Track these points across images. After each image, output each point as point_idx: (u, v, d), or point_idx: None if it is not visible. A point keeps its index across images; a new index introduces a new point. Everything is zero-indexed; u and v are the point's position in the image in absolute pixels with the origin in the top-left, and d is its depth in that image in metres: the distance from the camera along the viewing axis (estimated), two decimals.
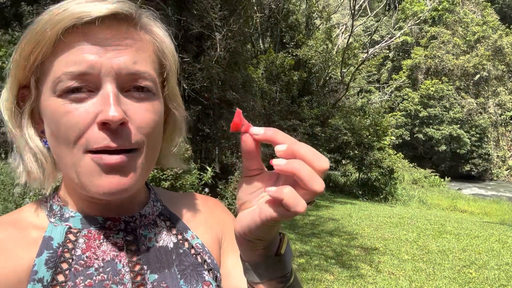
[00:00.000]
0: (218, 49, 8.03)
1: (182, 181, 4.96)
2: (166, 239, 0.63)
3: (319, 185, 0.40)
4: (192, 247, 0.65)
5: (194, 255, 0.64)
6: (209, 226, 0.71)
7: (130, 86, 0.53)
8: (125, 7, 0.53)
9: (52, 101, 0.51)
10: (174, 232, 0.65)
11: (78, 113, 0.50)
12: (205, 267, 0.64)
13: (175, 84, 0.62)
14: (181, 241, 0.65)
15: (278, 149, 0.42)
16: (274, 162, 0.42)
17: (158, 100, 0.56)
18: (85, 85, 0.51)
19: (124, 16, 0.53)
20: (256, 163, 0.46)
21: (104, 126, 0.50)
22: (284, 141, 0.42)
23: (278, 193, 0.40)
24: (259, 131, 0.43)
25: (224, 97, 8.70)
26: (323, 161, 0.41)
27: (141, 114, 0.53)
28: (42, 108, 0.54)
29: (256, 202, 0.47)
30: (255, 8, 14.37)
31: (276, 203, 0.42)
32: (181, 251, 0.63)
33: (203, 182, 5.33)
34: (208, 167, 5.42)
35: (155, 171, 4.83)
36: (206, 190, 5.29)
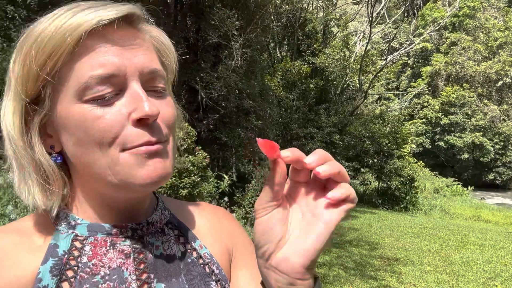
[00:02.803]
0: (235, 58, 8.09)
1: (200, 189, 4.97)
2: (174, 248, 0.62)
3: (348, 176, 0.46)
4: (200, 257, 0.64)
5: (202, 265, 0.63)
6: (219, 236, 0.69)
7: (149, 87, 0.54)
8: (136, 9, 0.55)
9: (77, 108, 0.50)
10: (182, 241, 0.64)
11: (110, 116, 0.50)
12: (213, 277, 0.62)
13: (170, 83, 0.64)
14: (189, 250, 0.63)
15: (309, 160, 0.44)
16: (319, 169, 0.43)
17: (169, 96, 0.58)
18: (112, 90, 0.51)
19: (136, 17, 0.55)
20: (283, 187, 0.47)
21: (139, 123, 0.50)
22: (305, 156, 0.45)
23: (345, 190, 0.45)
24: (288, 154, 0.44)
25: (241, 106, 8.74)
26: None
27: (165, 109, 0.55)
28: (61, 117, 0.52)
29: (294, 230, 0.47)
30: (272, 17, 14.46)
31: (338, 204, 0.45)
32: (189, 260, 0.62)
33: (220, 190, 5.33)
34: (225, 175, 5.42)
35: (173, 179, 4.86)
36: (226, 199, 5.29)
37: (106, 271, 0.54)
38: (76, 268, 0.53)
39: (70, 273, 0.53)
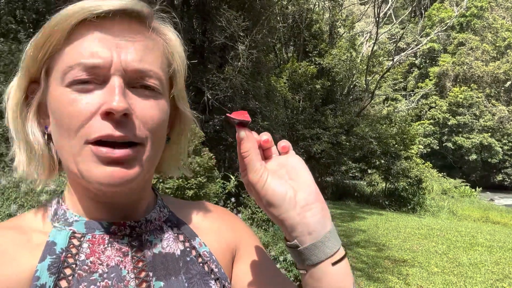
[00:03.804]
0: (241, 60, 8.11)
1: (206, 190, 4.97)
2: (173, 246, 0.61)
3: None
4: (200, 255, 0.63)
5: (201, 264, 0.62)
6: (219, 234, 0.69)
7: (137, 83, 0.54)
8: (137, 5, 0.54)
9: (59, 91, 0.52)
10: (181, 239, 0.63)
11: (83, 103, 0.50)
12: (212, 276, 0.62)
13: (183, 87, 0.63)
14: (188, 249, 0.63)
15: (264, 138, 0.56)
16: (283, 143, 0.57)
17: (164, 99, 0.57)
18: (93, 78, 0.51)
19: (136, 13, 0.54)
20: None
21: (108, 116, 0.50)
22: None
23: (286, 142, 0.57)
24: (266, 137, 0.57)
25: (247, 107, 8.75)
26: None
27: (146, 110, 0.53)
28: (50, 99, 0.54)
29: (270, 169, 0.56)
30: (278, 18, 14.46)
31: (288, 150, 0.58)
32: (188, 258, 0.62)
33: (226, 191, 5.34)
34: (232, 176, 5.43)
35: (180, 180, 4.87)
36: (232, 199, 5.29)
37: (104, 269, 0.54)
38: (74, 266, 0.53)
39: (68, 271, 0.52)
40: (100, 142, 0.50)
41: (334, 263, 0.52)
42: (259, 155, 0.54)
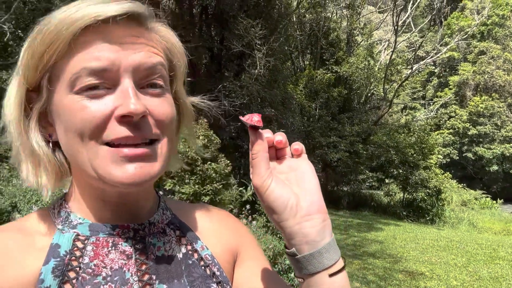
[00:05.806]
0: (258, 67, 8.15)
1: (222, 196, 4.99)
2: (176, 249, 0.61)
3: None
4: (202, 258, 0.63)
5: (203, 267, 0.62)
6: (221, 237, 0.69)
7: (145, 82, 0.54)
8: (138, 7, 0.54)
9: (68, 99, 0.51)
10: (184, 242, 0.64)
11: (95, 108, 0.50)
12: (214, 279, 0.62)
13: (182, 83, 0.64)
14: (190, 252, 0.63)
15: (278, 138, 0.57)
16: (296, 145, 0.58)
17: (169, 94, 0.58)
18: (103, 82, 0.51)
19: (137, 16, 0.54)
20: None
21: (124, 119, 0.50)
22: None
23: (300, 145, 0.58)
24: (280, 138, 0.57)
25: (263, 114, 8.78)
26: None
27: (158, 108, 0.54)
28: (55, 107, 0.53)
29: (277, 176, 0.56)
30: (296, 26, 14.50)
31: (301, 154, 0.58)
32: (190, 262, 0.62)
33: (244, 198, 5.34)
34: (247, 183, 5.43)
35: (196, 186, 4.90)
36: (247, 207, 5.29)
37: (108, 272, 0.54)
38: (78, 269, 0.53)
39: (72, 274, 0.52)
40: (119, 145, 0.51)
41: (331, 275, 0.53)
42: (267, 160, 0.54)
